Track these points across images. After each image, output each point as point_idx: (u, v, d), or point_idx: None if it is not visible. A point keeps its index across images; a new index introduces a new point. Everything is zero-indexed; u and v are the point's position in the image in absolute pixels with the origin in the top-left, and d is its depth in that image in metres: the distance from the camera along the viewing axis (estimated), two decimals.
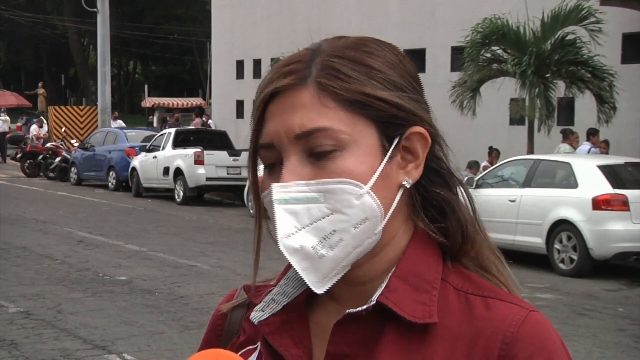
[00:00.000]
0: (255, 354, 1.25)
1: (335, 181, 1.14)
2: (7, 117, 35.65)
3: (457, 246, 1.22)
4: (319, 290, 1.16)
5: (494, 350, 1.14)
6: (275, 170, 1.18)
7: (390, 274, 1.19)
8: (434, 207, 1.22)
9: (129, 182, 23.72)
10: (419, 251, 1.21)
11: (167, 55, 60.61)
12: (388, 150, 1.17)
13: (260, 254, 1.27)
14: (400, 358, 1.16)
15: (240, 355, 1.23)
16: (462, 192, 1.25)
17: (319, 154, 1.15)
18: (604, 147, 17.32)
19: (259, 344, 1.25)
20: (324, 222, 1.14)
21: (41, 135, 32.30)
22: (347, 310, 1.18)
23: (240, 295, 1.34)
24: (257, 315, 1.24)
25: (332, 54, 1.18)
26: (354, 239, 1.14)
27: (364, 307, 1.17)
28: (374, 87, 1.16)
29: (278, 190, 1.15)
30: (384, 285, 1.18)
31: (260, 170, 1.24)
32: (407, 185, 1.19)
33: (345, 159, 1.14)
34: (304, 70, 1.17)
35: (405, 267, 1.19)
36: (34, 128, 32.70)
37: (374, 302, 1.16)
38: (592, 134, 17.01)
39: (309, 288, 1.23)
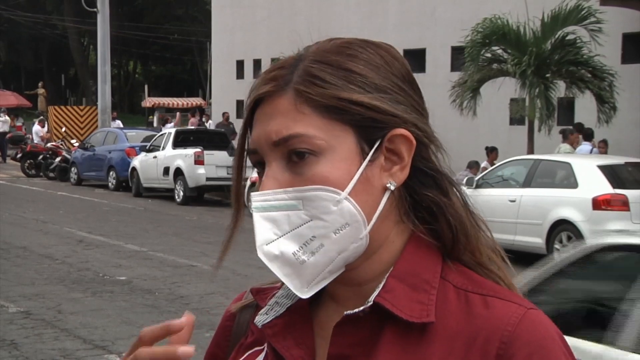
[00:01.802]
0: (262, 355, 1.26)
1: (312, 188, 1.14)
2: (7, 118, 35.65)
3: (449, 245, 1.22)
4: (304, 295, 1.17)
5: (492, 350, 1.14)
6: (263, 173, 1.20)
7: (387, 274, 1.19)
8: (425, 209, 1.22)
9: (129, 182, 23.72)
10: (417, 251, 1.21)
11: (167, 55, 60.61)
12: (367, 154, 1.17)
13: (229, 249, 1.28)
14: (398, 358, 1.16)
15: (247, 356, 1.26)
16: (456, 193, 1.24)
17: (295, 159, 1.15)
18: (603, 147, 17.32)
19: (265, 345, 1.26)
20: (303, 229, 1.15)
21: (45, 135, 32.34)
22: (345, 312, 1.18)
23: (248, 297, 1.35)
24: (261, 319, 1.25)
25: (313, 59, 1.18)
26: (335, 244, 1.15)
27: (361, 308, 1.17)
28: (350, 91, 1.16)
29: (257, 199, 1.17)
30: (381, 285, 1.18)
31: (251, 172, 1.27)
32: (392, 188, 1.18)
33: (321, 165, 1.15)
34: (285, 77, 1.18)
35: (402, 267, 1.19)
36: (38, 128, 32.67)
37: (371, 303, 1.17)
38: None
39: None
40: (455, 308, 1.18)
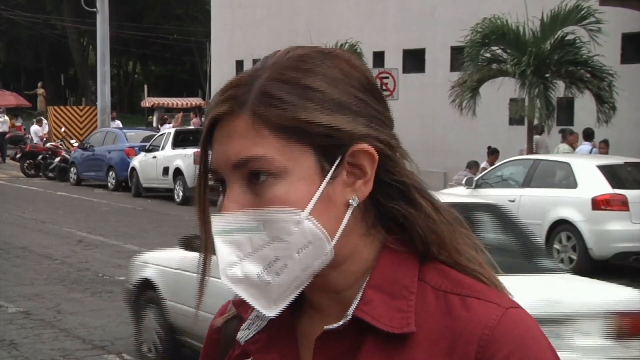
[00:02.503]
0: None
1: (271, 211, 1.14)
2: (7, 118, 35.64)
3: (422, 251, 1.21)
4: (271, 313, 1.16)
5: (471, 353, 1.14)
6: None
7: (364, 285, 1.18)
8: (392, 220, 1.21)
9: (128, 182, 23.71)
10: (392, 257, 1.20)
11: (167, 55, 60.57)
12: (328, 172, 1.15)
13: (205, 279, 1.24)
14: None
15: None
16: (426, 200, 1.21)
17: (255, 179, 1.14)
18: (604, 148, 17.31)
19: (252, 358, 1.25)
20: (266, 250, 1.14)
21: (45, 135, 32.32)
22: (325, 327, 1.18)
23: (231, 309, 1.33)
24: (243, 334, 1.25)
25: (270, 77, 1.17)
26: (298, 263, 1.14)
27: (340, 323, 1.17)
28: (308, 110, 1.15)
29: (218, 222, 1.16)
30: (359, 297, 1.18)
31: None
32: (354, 204, 1.17)
33: (280, 187, 1.14)
34: (242, 96, 1.16)
35: (379, 276, 1.19)
36: (37, 128, 32.65)
37: (350, 317, 1.16)
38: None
39: (294, 299, 1.22)
40: (435, 310, 1.17)
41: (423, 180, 1.24)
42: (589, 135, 17.05)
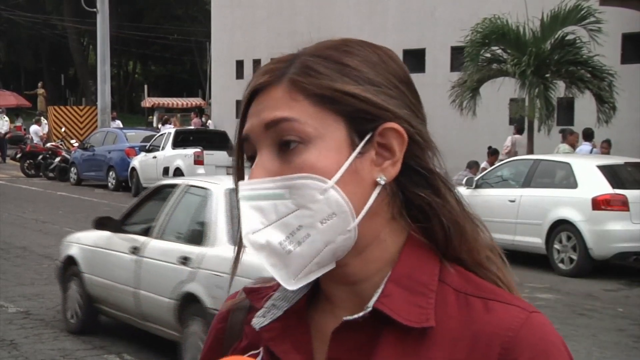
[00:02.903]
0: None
1: (298, 176, 1.14)
2: (7, 118, 35.65)
3: (442, 245, 1.21)
4: (291, 287, 1.16)
5: (493, 355, 1.13)
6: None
7: (386, 279, 1.18)
8: (417, 208, 1.21)
9: (128, 182, 23.71)
10: (414, 253, 1.20)
11: (167, 55, 60.60)
12: (358, 146, 1.17)
13: (242, 249, 1.26)
14: None
15: None
16: (451, 193, 1.22)
17: (285, 147, 1.16)
18: (606, 148, 17.31)
19: (261, 349, 1.24)
20: (290, 218, 1.15)
21: (45, 135, 32.31)
22: (344, 318, 1.17)
23: (241, 296, 1.33)
24: (258, 321, 1.24)
25: (310, 53, 1.20)
26: (322, 234, 1.14)
27: (361, 314, 1.16)
28: (344, 82, 1.17)
29: (244, 188, 1.17)
30: (380, 290, 1.17)
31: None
32: (382, 183, 1.18)
33: (310, 153, 1.15)
34: (282, 70, 1.20)
35: (400, 270, 1.18)
36: (37, 128, 32.64)
37: (370, 308, 1.16)
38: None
39: (310, 291, 1.23)
40: (456, 312, 1.17)
41: (449, 175, 1.25)
42: (588, 135, 17.05)
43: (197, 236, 7.25)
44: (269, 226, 1.15)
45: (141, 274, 7.68)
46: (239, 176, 1.24)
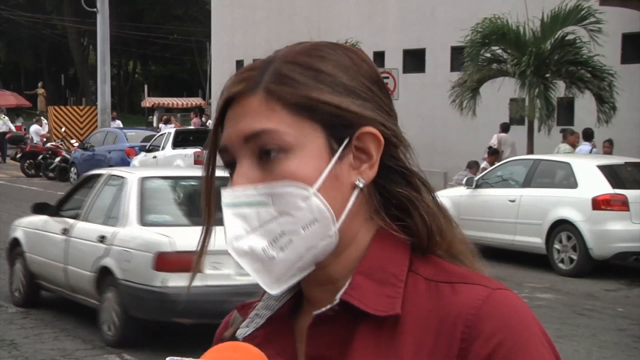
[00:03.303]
0: None
1: (281, 184, 1.16)
2: (7, 117, 35.65)
3: (424, 241, 1.22)
4: (273, 291, 1.19)
5: (457, 333, 1.14)
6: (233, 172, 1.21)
7: (354, 271, 1.20)
8: (395, 206, 1.23)
9: None
10: (383, 246, 1.21)
11: (167, 55, 60.60)
12: (336, 152, 1.18)
13: (203, 257, 1.27)
14: (372, 353, 1.17)
15: None
16: (428, 191, 1.25)
17: (265, 156, 1.17)
18: (608, 147, 17.30)
19: None
20: (273, 225, 1.16)
21: (46, 134, 32.30)
22: (314, 312, 1.19)
23: (236, 317, 1.34)
24: (242, 331, 1.26)
25: (283, 60, 1.21)
26: (304, 240, 1.16)
27: (328, 307, 1.18)
28: (319, 90, 1.19)
29: (227, 195, 1.18)
30: (347, 283, 1.19)
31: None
32: (360, 185, 1.20)
33: (290, 162, 1.17)
34: (256, 78, 1.21)
35: (369, 262, 1.20)
36: (37, 128, 32.61)
37: (338, 301, 1.18)
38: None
39: (292, 298, 1.25)
40: (426, 300, 1.18)
41: (421, 170, 1.27)
42: (588, 135, 17.05)
43: (113, 218, 8.51)
44: (252, 233, 1.17)
45: (69, 251, 8.93)
46: (208, 186, 1.25)
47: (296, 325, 1.25)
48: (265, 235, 1.16)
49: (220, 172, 1.26)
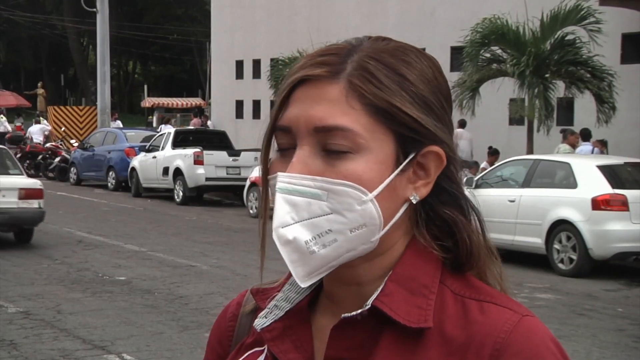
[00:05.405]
0: (262, 356, 1.25)
1: (342, 183, 1.14)
2: (5, 118, 35.63)
3: (461, 262, 1.23)
4: (303, 284, 1.16)
5: (484, 356, 1.14)
6: (287, 155, 1.18)
7: (386, 278, 1.19)
8: (437, 226, 1.22)
9: (128, 182, 23.71)
10: (417, 256, 1.21)
11: (167, 55, 60.59)
12: (401, 163, 1.17)
13: (265, 247, 1.27)
14: None
15: (247, 356, 1.26)
16: (474, 217, 1.25)
17: (332, 152, 1.15)
18: (602, 147, 17.30)
19: (266, 346, 1.25)
20: (321, 220, 1.14)
21: (53, 133, 32.30)
22: (343, 315, 1.18)
23: (249, 299, 1.34)
24: (260, 322, 1.25)
25: (369, 55, 1.18)
26: (348, 242, 1.15)
27: (359, 311, 1.17)
28: (402, 99, 1.16)
29: (283, 180, 1.15)
30: (379, 289, 1.18)
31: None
32: (414, 201, 1.19)
33: (357, 163, 1.14)
34: (338, 65, 1.17)
35: (402, 271, 1.19)
36: (43, 126, 32.56)
37: (369, 306, 1.17)
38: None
39: (311, 292, 1.25)
40: (453, 313, 1.18)
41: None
42: (586, 135, 17.05)
43: None
44: (299, 223, 1.14)
45: None
46: (265, 165, 1.22)
47: (314, 321, 1.24)
48: (311, 228, 1.14)
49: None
